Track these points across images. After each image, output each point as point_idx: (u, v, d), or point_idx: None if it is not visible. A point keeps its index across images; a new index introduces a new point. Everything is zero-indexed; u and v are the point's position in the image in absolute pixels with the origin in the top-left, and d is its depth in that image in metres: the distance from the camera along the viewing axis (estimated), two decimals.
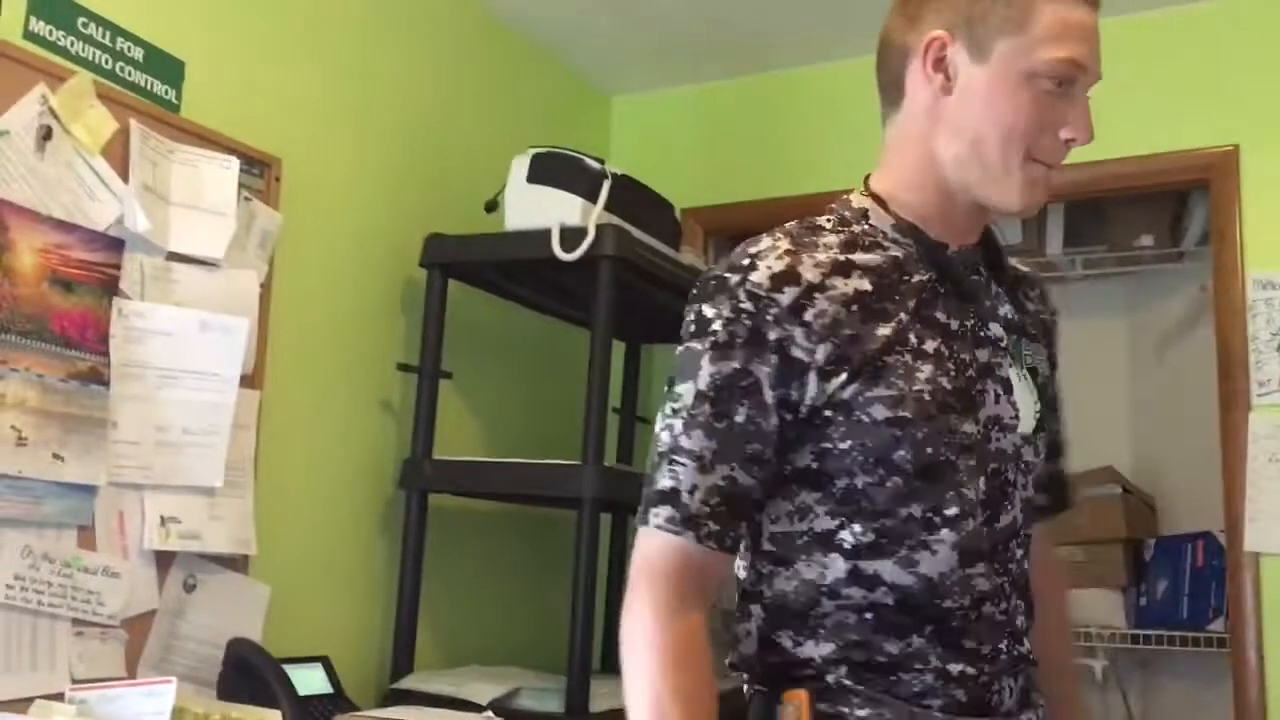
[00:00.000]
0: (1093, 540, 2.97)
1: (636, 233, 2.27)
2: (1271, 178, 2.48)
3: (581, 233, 2.17)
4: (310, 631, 2.15)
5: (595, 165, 2.27)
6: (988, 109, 1.13)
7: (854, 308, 1.10)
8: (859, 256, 1.14)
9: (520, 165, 2.31)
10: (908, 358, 1.11)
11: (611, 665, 2.82)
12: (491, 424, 2.70)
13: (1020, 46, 1.12)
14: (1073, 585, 2.95)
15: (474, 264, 2.39)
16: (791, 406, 1.09)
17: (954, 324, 1.15)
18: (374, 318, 2.39)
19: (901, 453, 1.09)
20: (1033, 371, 1.23)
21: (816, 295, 1.10)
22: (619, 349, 2.94)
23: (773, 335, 1.09)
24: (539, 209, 2.24)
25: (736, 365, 1.08)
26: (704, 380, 1.09)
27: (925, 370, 1.11)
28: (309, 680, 1.92)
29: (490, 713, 1.91)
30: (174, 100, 1.98)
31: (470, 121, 2.70)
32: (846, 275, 1.12)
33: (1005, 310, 1.22)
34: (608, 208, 2.24)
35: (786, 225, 1.17)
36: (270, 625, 2.02)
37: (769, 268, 1.10)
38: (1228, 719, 2.47)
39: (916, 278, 1.15)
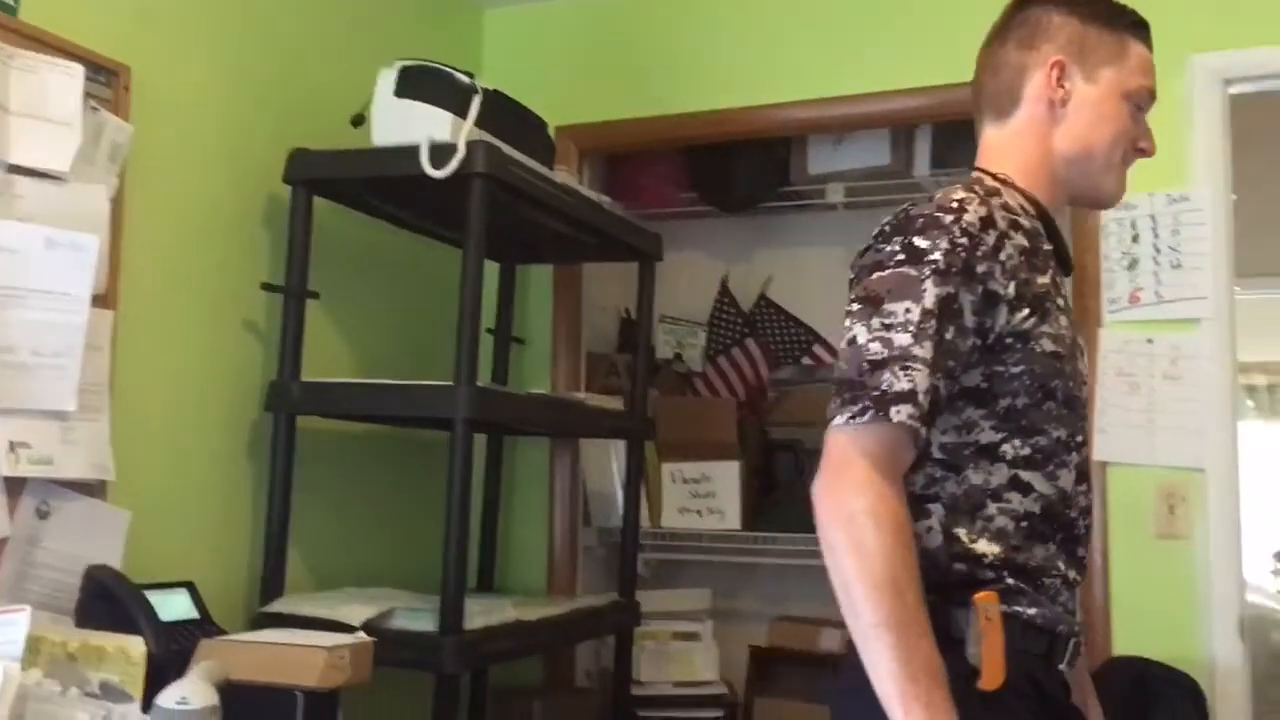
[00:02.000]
0: None
1: (508, 150, 2.24)
2: None
3: (451, 149, 2.12)
4: (175, 557, 2.10)
5: (465, 80, 2.22)
6: (1099, 120, 1.43)
7: (1023, 257, 1.32)
8: (1016, 218, 1.35)
9: (387, 78, 2.23)
10: (1052, 307, 1.34)
11: (486, 584, 2.85)
12: (362, 345, 2.65)
13: (1120, 74, 1.44)
14: None
15: (340, 180, 2.32)
16: (983, 333, 1.29)
17: (1063, 289, 1.42)
18: (235, 235, 2.31)
19: (1058, 382, 1.34)
20: None
21: (1005, 241, 1.30)
22: (493, 269, 2.90)
23: (980, 269, 1.27)
24: (407, 124, 2.18)
25: (951, 290, 1.26)
26: (930, 300, 1.25)
27: (1063, 320, 1.36)
28: (173, 606, 1.89)
29: (363, 633, 1.90)
30: (10, 2, 1.86)
31: (336, 30, 2.60)
32: (1016, 230, 1.33)
33: None
34: (479, 124, 2.19)
35: (959, 185, 1.36)
36: (133, 552, 1.97)
37: (976, 211, 1.30)
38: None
39: (1046, 246, 1.39)
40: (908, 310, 1.24)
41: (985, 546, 1.31)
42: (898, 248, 1.29)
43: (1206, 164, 2.50)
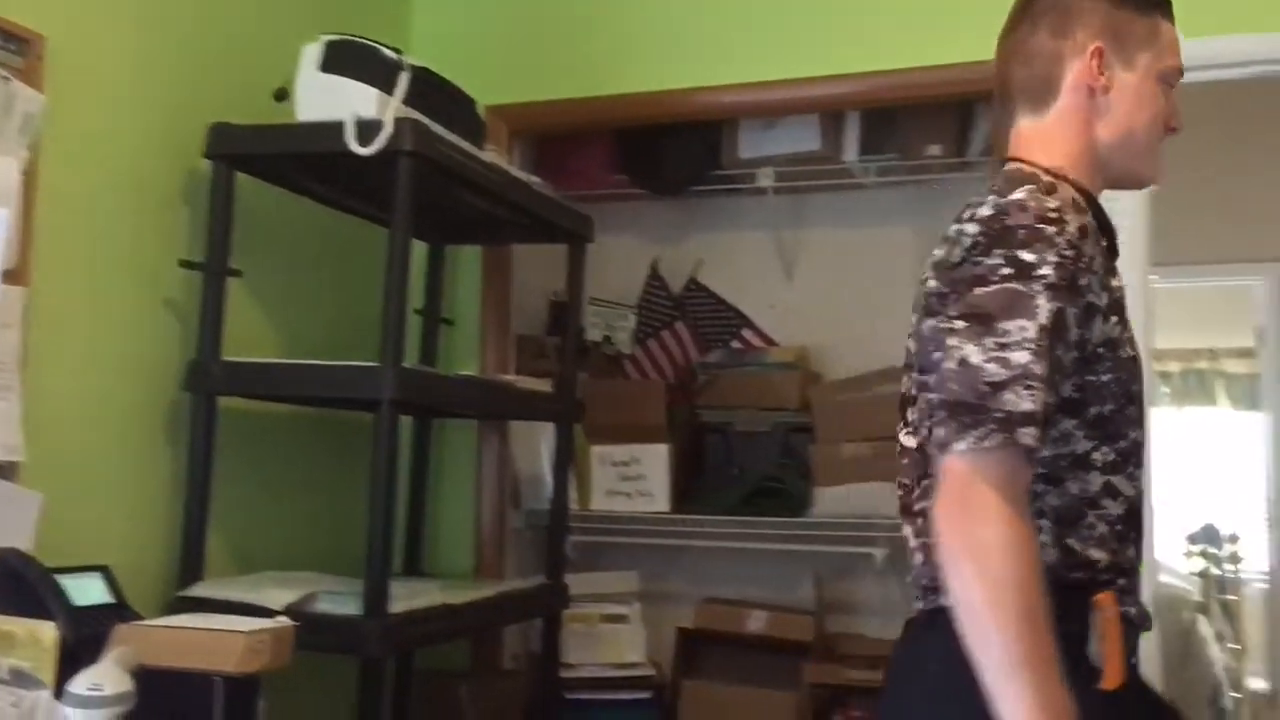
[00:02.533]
0: (879, 437, 3.12)
1: (437, 128, 2.21)
2: None
3: (378, 126, 2.09)
4: (90, 541, 2.05)
5: (392, 56, 2.19)
6: (1138, 105, 1.43)
7: (1105, 264, 1.33)
8: (1091, 221, 1.34)
9: (312, 53, 2.20)
10: (1124, 311, 1.36)
11: (412, 567, 2.82)
12: (286, 324, 2.60)
13: (1154, 56, 1.44)
14: (861, 479, 3.11)
15: (263, 156, 2.28)
16: (1081, 345, 1.28)
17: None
18: (154, 211, 2.25)
19: (1136, 386, 1.35)
20: None
21: (1097, 250, 1.31)
22: (421, 249, 2.87)
23: (1082, 282, 1.27)
24: (333, 100, 2.14)
25: (1060, 305, 1.23)
26: (1044, 316, 1.22)
27: (1127, 320, 1.37)
28: (86, 590, 1.84)
29: (284, 617, 1.87)
30: None
31: (260, 2, 2.54)
32: (1096, 236, 1.34)
33: None
34: (407, 101, 2.16)
35: (1030, 186, 1.31)
36: (45, 535, 1.91)
37: (1075, 222, 1.28)
38: None
39: (1104, 242, 1.39)
40: (1023, 328, 1.21)
41: (1096, 553, 1.33)
42: (1001, 261, 1.24)
43: None
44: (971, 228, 1.30)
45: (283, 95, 2.25)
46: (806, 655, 3.10)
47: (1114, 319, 1.31)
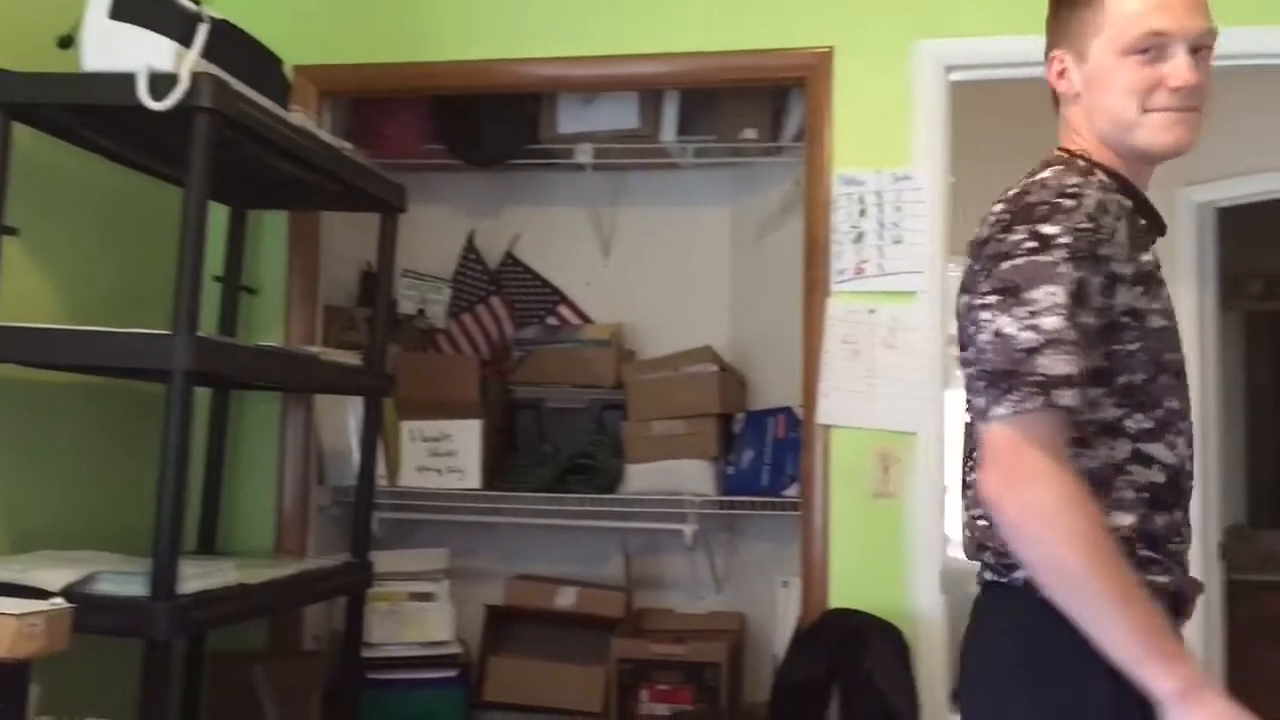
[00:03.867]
0: (690, 415, 3.16)
1: (238, 85, 2.10)
2: (860, 80, 2.68)
3: (173, 80, 1.97)
4: None
5: (190, 6, 2.07)
6: (1104, 90, 1.46)
7: (1130, 237, 1.37)
8: (1119, 200, 1.40)
9: None
10: (1154, 283, 1.40)
11: (208, 545, 2.70)
12: (71, 288, 2.44)
13: (1106, 36, 1.44)
14: (671, 456, 3.15)
15: (44, 106, 2.12)
16: (1105, 313, 1.32)
17: (1158, 258, 1.46)
18: None
19: (1169, 355, 1.39)
20: None
21: (1118, 224, 1.35)
22: (222, 212, 2.74)
23: (1103, 252, 1.32)
24: (123, 50, 2.02)
25: (1083, 274, 1.29)
26: (1070, 284, 1.28)
27: (1164, 291, 1.42)
28: None
29: (61, 599, 1.76)
30: None
31: None
32: (1122, 211, 1.39)
33: None
34: (205, 55, 2.05)
35: (1060, 168, 1.40)
36: None
37: (1092, 197, 1.34)
38: (797, 572, 2.75)
39: (1142, 221, 1.44)
40: (1051, 294, 1.27)
41: (1119, 519, 1.36)
42: (1024, 235, 1.31)
43: (927, 147, 2.65)
44: (999, 207, 1.38)
45: (67, 42, 2.10)
46: (616, 630, 3.12)
47: (1139, 289, 1.36)
